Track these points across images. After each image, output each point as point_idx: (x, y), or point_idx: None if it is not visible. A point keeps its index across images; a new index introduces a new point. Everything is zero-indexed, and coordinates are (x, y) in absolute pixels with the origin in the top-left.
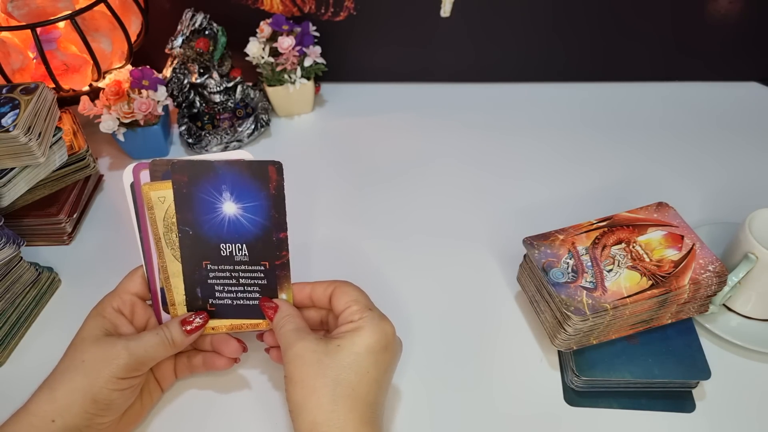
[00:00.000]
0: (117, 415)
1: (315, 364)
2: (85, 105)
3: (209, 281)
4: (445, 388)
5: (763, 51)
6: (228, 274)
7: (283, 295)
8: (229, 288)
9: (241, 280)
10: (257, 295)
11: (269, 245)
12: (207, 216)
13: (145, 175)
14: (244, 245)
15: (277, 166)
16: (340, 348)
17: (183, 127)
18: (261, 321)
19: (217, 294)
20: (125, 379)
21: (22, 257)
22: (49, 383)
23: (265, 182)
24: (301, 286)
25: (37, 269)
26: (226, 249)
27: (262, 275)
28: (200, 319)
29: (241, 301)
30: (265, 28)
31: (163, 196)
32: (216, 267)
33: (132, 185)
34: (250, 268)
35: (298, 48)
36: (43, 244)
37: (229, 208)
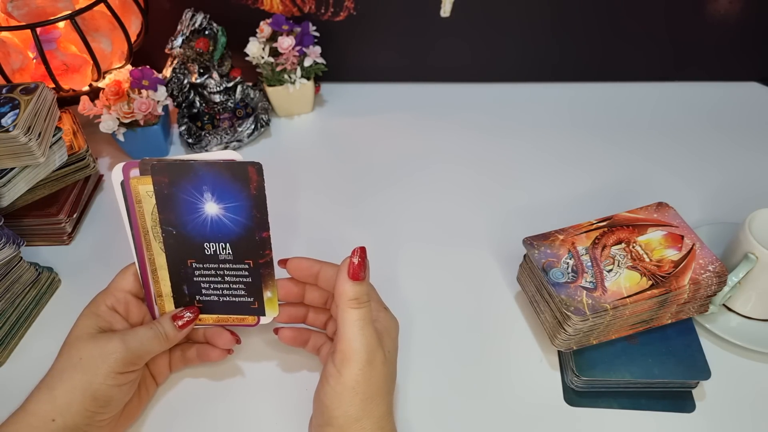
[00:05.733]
0: (116, 411)
1: None
2: (85, 105)
3: (195, 279)
4: (445, 388)
5: (763, 51)
6: (213, 272)
7: (268, 293)
8: (215, 285)
9: (227, 278)
10: (243, 292)
11: (252, 244)
12: (189, 216)
13: (135, 174)
14: (228, 244)
15: (257, 167)
16: None
17: (183, 127)
18: (247, 316)
19: (204, 291)
20: (123, 374)
21: (22, 257)
22: (47, 383)
23: (246, 183)
24: (310, 263)
25: (37, 269)
26: (210, 248)
27: (247, 273)
28: (191, 313)
29: (227, 298)
30: (265, 28)
31: (150, 190)
32: (201, 265)
33: (122, 183)
34: (234, 266)
35: (298, 48)
36: (43, 244)
37: (211, 208)
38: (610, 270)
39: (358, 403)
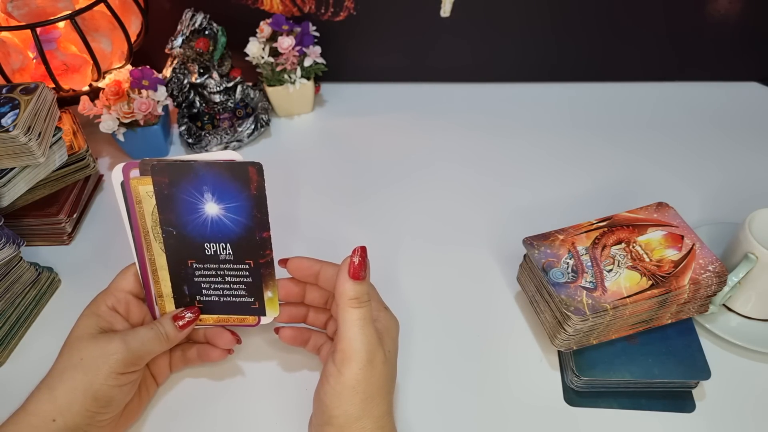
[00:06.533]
0: (117, 411)
1: None
2: (85, 105)
3: (195, 279)
4: (445, 388)
5: (763, 51)
6: (214, 273)
7: (268, 293)
8: (216, 285)
9: (227, 278)
10: (243, 292)
11: (253, 244)
12: (190, 216)
13: (135, 174)
14: (228, 244)
15: (257, 167)
16: None
17: (183, 127)
18: (247, 316)
19: (204, 291)
20: (124, 375)
21: (22, 257)
22: (48, 383)
23: (246, 183)
24: (311, 263)
25: (37, 269)
26: (210, 248)
27: (247, 273)
28: (191, 314)
29: (228, 298)
30: (265, 28)
31: (151, 190)
32: (201, 266)
33: (122, 184)
34: (235, 266)
35: (298, 48)
36: (43, 244)
37: (212, 208)
38: (610, 270)
39: (358, 402)
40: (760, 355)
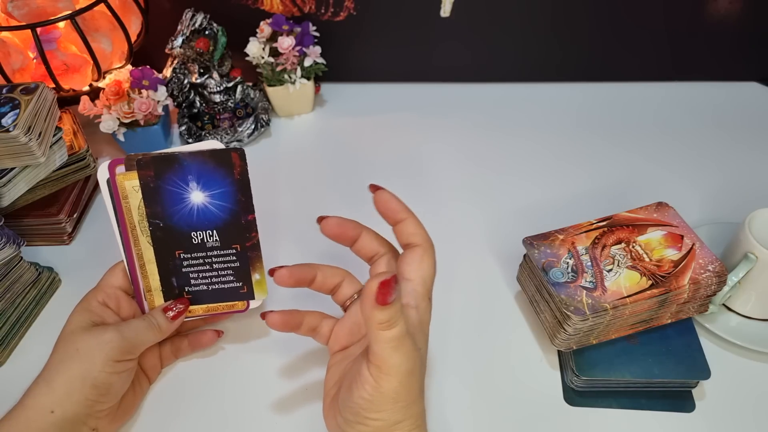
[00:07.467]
0: (115, 400)
1: None
2: (85, 105)
3: (183, 270)
4: (445, 387)
5: (763, 51)
6: (201, 261)
7: (256, 275)
8: (204, 274)
9: (215, 265)
10: (231, 278)
11: (239, 228)
12: (176, 207)
13: (120, 170)
14: (215, 231)
15: (240, 152)
16: None
17: (183, 127)
18: (236, 302)
19: (192, 281)
20: (120, 362)
21: (22, 257)
22: (45, 376)
23: (230, 169)
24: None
25: (37, 269)
26: (197, 237)
27: (235, 258)
28: (181, 305)
29: (216, 286)
30: (265, 28)
31: (136, 185)
32: (189, 255)
33: (108, 181)
34: (222, 252)
35: (298, 48)
36: (43, 244)
37: (197, 197)
38: (610, 270)
39: (399, 410)
40: (760, 355)
